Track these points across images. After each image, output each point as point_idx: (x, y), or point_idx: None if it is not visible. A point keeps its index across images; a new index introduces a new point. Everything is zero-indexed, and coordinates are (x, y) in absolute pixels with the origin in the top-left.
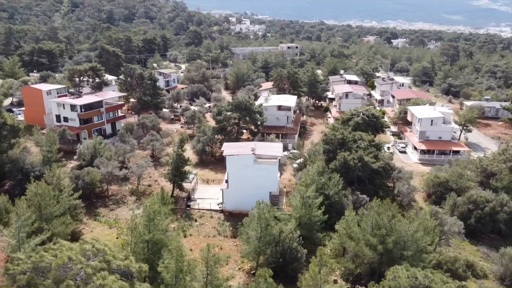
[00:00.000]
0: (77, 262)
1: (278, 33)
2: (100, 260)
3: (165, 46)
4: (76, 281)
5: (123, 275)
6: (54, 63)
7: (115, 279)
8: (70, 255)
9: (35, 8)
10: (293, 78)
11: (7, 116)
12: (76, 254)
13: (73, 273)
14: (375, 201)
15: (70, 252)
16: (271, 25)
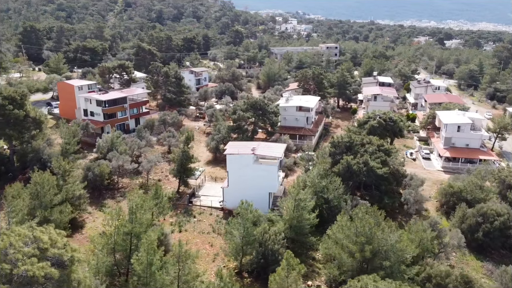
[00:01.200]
0: (14, 248)
1: (325, 33)
2: (34, 247)
3: (207, 45)
4: (10, 265)
5: (58, 263)
6: (96, 60)
7: (44, 265)
8: (12, 241)
9: (91, 8)
10: (318, 79)
11: (30, 109)
12: (17, 240)
13: (9, 258)
14: (359, 208)
15: (16, 237)
16: (319, 25)
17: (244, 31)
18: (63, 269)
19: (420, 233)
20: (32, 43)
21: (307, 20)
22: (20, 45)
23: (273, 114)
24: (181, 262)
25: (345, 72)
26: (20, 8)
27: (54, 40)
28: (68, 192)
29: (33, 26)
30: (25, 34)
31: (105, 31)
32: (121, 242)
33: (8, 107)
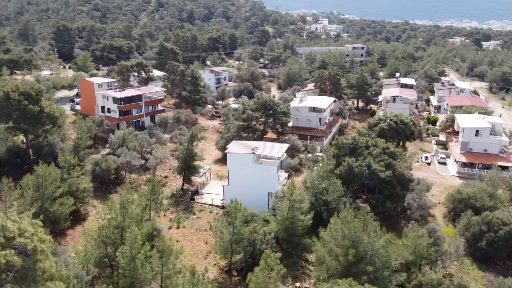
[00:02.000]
0: None
1: (356, 33)
2: (0, 235)
3: (234, 45)
4: None
5: (24, 252)
6: (122, 59)
7: (8, 253)
8: None
9: (125, 8)
10: (334, 79)
11: (45, 104)
12: None
13: None
14: (347, 211)
15: None
16: (351, 25)
17: (272, 31)
18: (28, 257)
19: (415, 239)
20: (64, 42)
21: (340, 20)
22: (53, 43)
23: (282, 114)
24: (164, 257)
25: (365, 73)
26: (59, 8)
27: (85, 39)
28: (71, 185)
29: (65, 25)
30: (58, 33)
31: (133, 30)
32: (111, 235)
33: (23, 102)
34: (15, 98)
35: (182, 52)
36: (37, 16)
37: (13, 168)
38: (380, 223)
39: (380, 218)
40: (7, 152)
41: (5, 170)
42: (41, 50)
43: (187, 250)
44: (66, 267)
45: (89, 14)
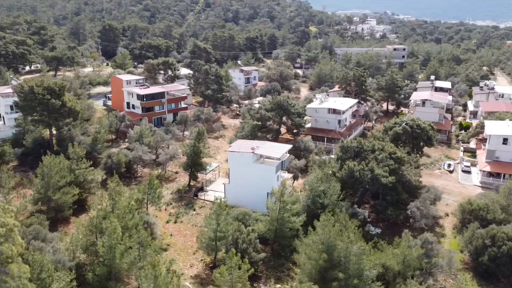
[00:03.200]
0: None
1: (404, 34)
2: None
3: (274, 45)
4: None
5: None
6: (159, 57)
7: None
8: None
9: (173, 8)
10: (359, 81)
11: (67, 99)
12: None
13: None
14: (326, 214)
15: None
16: (401, 26)
17: (315, 31)
18: None
19: (404, 248)
20: (109, 41)
21: (391, 21)
22: (99, 42)
23: (296, 115)
24: (141, 249)
25: (396, 75)
26: (112, 8)
27: (129, 38)
28: (79, 176)
29: (110, 25)
30: (103, 32)
31: (174, 30)
32: (98, 224)
33: (46, 96)
34: (39, 93)
35: (219, 52)
36: (91, 16)
37: (36, 158)
38: (383, 231)
39: (384, 225)
40: (32, 143)
41: (29, 160)
42: (88, 48)
43: (178, 244)
44: (54, 252)
45: (139, 14)
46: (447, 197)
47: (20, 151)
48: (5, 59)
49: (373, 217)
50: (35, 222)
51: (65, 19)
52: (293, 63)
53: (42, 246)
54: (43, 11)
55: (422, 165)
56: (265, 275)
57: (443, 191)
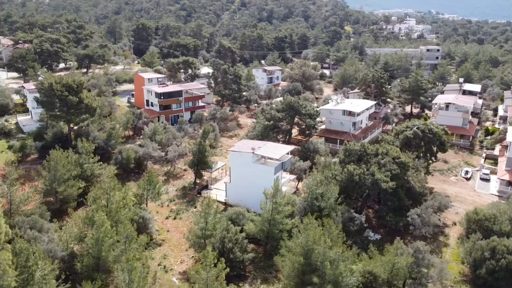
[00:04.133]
0: None
1: (445, 34)
2: None
3: (305, 44)
4: None
5: None
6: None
7: None
8: None
9: (209, 7)
10: (378, 82)
11: (84, 96)
12: None
13: None
14: (308, 218)
15: None
16: (442, 25)
17: (350, 31)
18: None
19: (393, 257)
20: (142, 39)
21: (433, 20)
22: (132, 40)
23: (306, 116)
24: (127, 243)
25: (421, 77)
26: (150, 7)
27: (160, 37)
28: (86, 170)
29: (144, 24)
30: (137, 31)
31: (204, 29)
32: (92, 217)
33: (64, 93)
34: (57, 89)
35: (248, 51)
36: (129, 15)
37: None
38: (383, 237)
39: (385, 232)
40: (52, 137)
41: (48, 153)
42: (122, 46)
43: (173, 240)
44: (48, 242)
45: (175, 13)
46: (458, 206)
47: (40, 144)
48: (40, 57)
49: (375, 222)
50: (36, 212)
51: (105, 18)
52: (322, 63)
53: (36, 235)
54: (85, 11)
55: (438, 171)
56: (253, 275)
57: (455, 199)
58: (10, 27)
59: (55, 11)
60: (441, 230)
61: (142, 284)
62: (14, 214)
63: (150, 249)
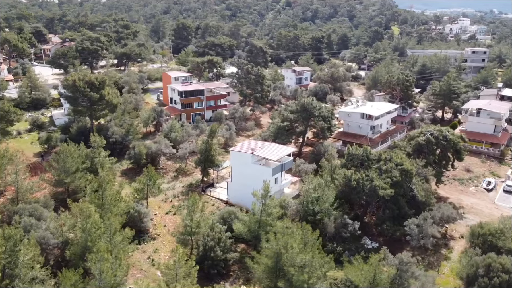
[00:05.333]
0: None
1: (500, 35)
2: None
3: (345, 45)
4: None
5: None
6: (222, 55)
7: None
8: None
9: (254, 7)
10: (403, 86)
11: (105, 92)
12: None
13: None
14: (284, 221)
15: None
16: (500, 26)
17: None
18: None
19: (374, 267)
20: (182, 39)
21: (492, 20)
22: (172, 39)
23: (320, 118)
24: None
25: (453, 81)
26: (197, 7)
27: (199, 36)
28: (96, 163)
29: (184, 23)
30: (177, 30)
31: (241, 29)
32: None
33: (86, 90)
34: (80, 86)
35: (285, 51)
36: (176, 15)
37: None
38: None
39: (384, 240)
40: (76, 130)
41: None
42: (164, 45)
43: (167, 235)
44: (45, 229)
45: (220, 13)
46: (471, 218)
47: (65, 137)
48: (81, 54)
49: (375, 230)
50: (41, 201)
51: (153, 18)
52: (360, 64)
53: (33, 223)
54: (136, 10)
55: (458, 180)
56: (236, 275)
57: (470, 210)
58: (64, 26)
59: (109, 10)
60: (445, 242)
61: (111, 274)
62: (21, 201)
63: (144, 242)
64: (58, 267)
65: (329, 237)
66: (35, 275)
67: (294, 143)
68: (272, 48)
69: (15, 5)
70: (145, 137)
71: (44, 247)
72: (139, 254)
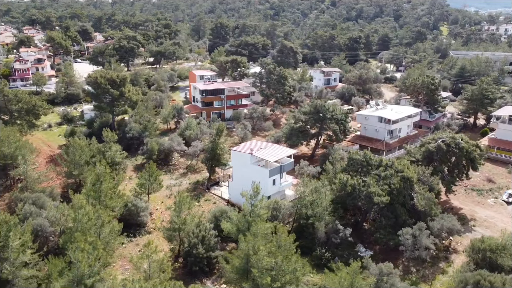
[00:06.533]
0: None
1: None
2: None
3: (386, 45)
4: None
5: None
6: (254, 55)
7: None
8: None
9: (297, 6)
10: (428, 89)
11: (126, 90)
12: None
13: None
14: (259, 223)
15: None
16: None
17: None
18: None
19: (351, 275)
20: (219, 38)
21: None
22: (210, 38)
23: (332, 120)
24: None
25: (487, 85)
26: (241, 7)
27: (236, 36)
28: (107, 157)
29: (222, 23)
30: (215, 29)
31: (277, 29)
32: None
33: (107, 86)
34: (101, 83)
35: (320, 52)
36: (220, 14)
37: (98, 138)
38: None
39: (381, 249)
40: (99, 125)
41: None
42: (202, 44)
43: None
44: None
45: (263, 12)
46: (481, 231)
47: (88, 131)
48: (118, 52)
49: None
50: (47, 191)
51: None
52: (398, 66)
53: (33, 210)
54: (182, 10)
55: (476, 191)
56: (219, 273)
57: (482, 224)
58: (110, 25)
59: (157, 10)
60: (446, 255)
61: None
62: (29, 190)
63: (140, 235)
64: (55, 254)
65: (321, 242)
66: (24, 260)
67: (306, 145)
68: (308, 48)
69: (72, 4)
70: (164, 134)
71: (40, 234)
72: (132, 247)
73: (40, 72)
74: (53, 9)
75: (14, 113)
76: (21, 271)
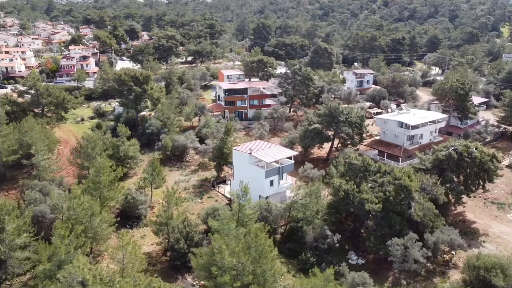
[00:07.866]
0: None
1: None
2: None
3: (434, 47)
4: None
5: None
6: (291, 55)
7: None
8: None
9: (347, 7)
10: (456, 94)
11: (148, 87)
12: None
13: None
14: (234, 223)
15: None
16: None
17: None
18: None
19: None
20: (261, 38)
21: None
22: (252, 38)
23: (346, 123)
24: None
25: None
26: (290, 7)
27: (278, 36)
28: (120, 151)
29: (263, 23)
30: (257, 29)
31: (319, 29)
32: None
33: (130, 84)
34: (125, 80)
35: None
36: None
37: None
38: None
39: (374, 258)
40: (124, 121)
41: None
42: (244, 43)
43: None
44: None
45: (312, 13)
46: (491, 248)
47: (113, 126)
48: (157, 51)
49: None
50: (56, 179)
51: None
52: (444, 69)
53: (37, 197)
54: (232, 10)
55: (496, 204)
56: None
57: (495, 240)
58: (159, 24)
59: (209, 10)
60: (443, 270)
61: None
62: (41, 178)
63: (137, 227)
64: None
65: (311, 247)
66: (18, 243)
67: (318, 148)
68: (349, 49)
69: (129, 5)
70: (186, 131)
71: (40, 219)
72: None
73: (83, 69)
74: (112, 9)
75: (45, 106)
76: (16, 252)
